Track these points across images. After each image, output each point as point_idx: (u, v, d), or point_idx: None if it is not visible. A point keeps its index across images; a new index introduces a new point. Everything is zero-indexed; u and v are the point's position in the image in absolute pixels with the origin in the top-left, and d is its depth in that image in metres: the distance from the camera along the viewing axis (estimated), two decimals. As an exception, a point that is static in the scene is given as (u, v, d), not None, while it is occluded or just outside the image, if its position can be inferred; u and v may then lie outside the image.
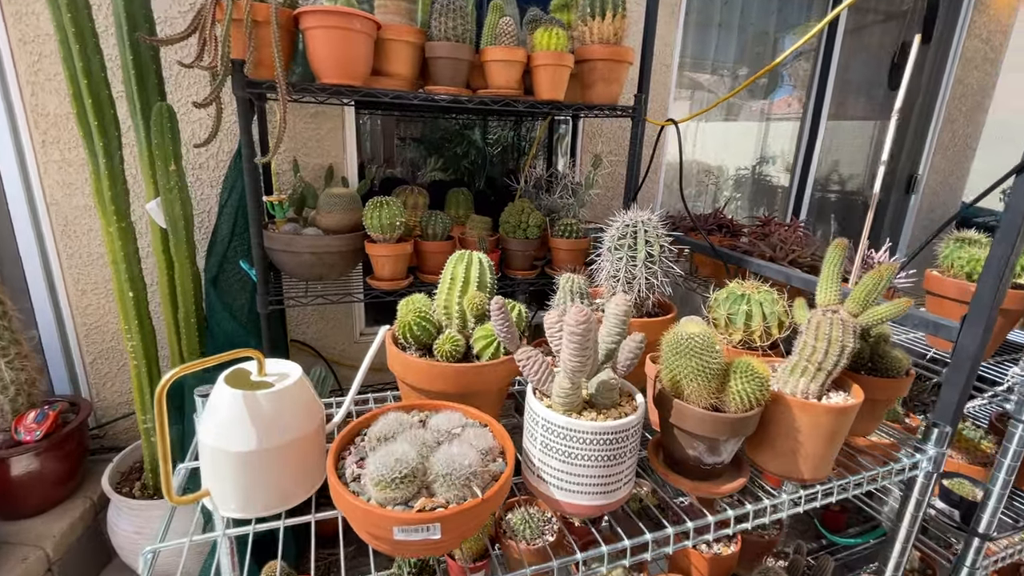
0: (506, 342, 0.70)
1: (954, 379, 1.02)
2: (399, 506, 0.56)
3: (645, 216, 0.99)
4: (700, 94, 2.99)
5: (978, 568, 1.20)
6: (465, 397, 0.80)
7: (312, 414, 0.71)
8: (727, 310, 0.99)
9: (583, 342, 0.62)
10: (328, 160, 2.01)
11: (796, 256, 1.75)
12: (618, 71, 1.72)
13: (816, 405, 0.77)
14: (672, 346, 0.75)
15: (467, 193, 2.09)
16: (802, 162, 3.17)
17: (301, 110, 1.94)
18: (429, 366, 0.79)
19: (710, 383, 0.74)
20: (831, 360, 0.80)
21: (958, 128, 3.41)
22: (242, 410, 0.64)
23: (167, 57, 1.71)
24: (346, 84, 1.41)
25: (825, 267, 0.87)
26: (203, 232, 1.92)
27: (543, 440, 0.68)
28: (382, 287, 1.65)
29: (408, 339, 0.84)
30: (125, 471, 1.81)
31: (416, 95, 1.51)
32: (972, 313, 0.99)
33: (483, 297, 0.85)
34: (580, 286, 0.90)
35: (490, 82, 1.62)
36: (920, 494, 0.98)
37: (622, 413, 0.69)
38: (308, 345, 2.17)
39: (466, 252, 0.90)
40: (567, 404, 0.67)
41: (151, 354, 1.60)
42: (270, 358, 0.74)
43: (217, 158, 1.88)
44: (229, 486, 0.66)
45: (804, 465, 0.80)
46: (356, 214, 1.66)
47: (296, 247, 1.56)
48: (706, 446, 0.75)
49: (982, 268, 0.97)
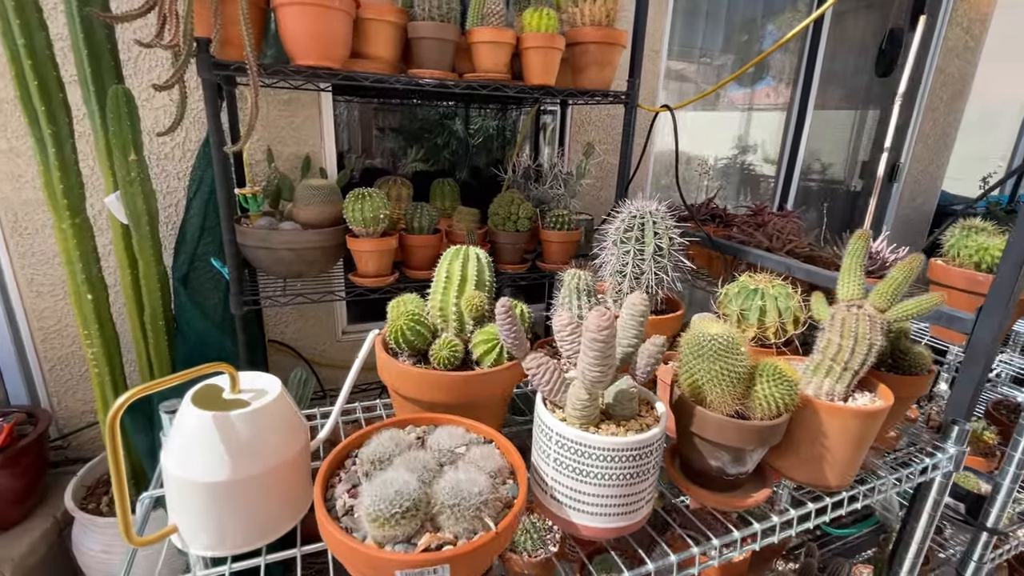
0: (514, 349, 0.63)
1: (969, 373, 0.98)
2: (400, 545, 0.49)
3: (653, 206, 0.92)
4: (688, 85, 2.94)
5: (985, 563, 1.18)
6: (465, 408, 0.73)
7: (295, 434, 0.63)
8: (740, 305, 0.93)
9: (605, 350, 0.54)
10: (304, 150, 1.90)
11: (794, 246, 1.71)
12: (611, 54, 1.65)
13: (845, 408, 0.72)
14: (693, 348, 0.69)
15: (453, 184, 2.00)
16: (789, 151, 3.15)
17: (274, 97, 1.81)
18: (426, 376, 0.71)
19: (735, 388, 0.67)
20: (858, 359, 0.75)
21: (939, 117, 3.43)
22: (212, 434, 0.56)
23: (124, 37, 1.57)
24: (324, 66, 1.30)
25: (847, 259, 0.82)
26: (170, 228, 1.79)
27: (557, 457, 0.61)
28: (366, 284, 1.55)
29: (400, 345, 0.76)
30: (91, 485, 1.69)
31: (399, 79, 1.42)
32: (989, 304, 0.95)
33: (483, 297, 0.78)
34: (587, 283, 0.83)
35: (477, 65, 1.53)
36: (939, 494, 0.94)
37: (643, 425, 0.63)
38: (287, 345, 2.06)
39: (462, 247, 0.82)
40: (584, 417, 0.60)
41: (114, 360, 1.48)
42: (245, 371, 0.65)
43: (183, 148, 1.75)
44: (199, 521, 0.57)
45: (831, 472, 0.74)
46: (336, 207, 1.56)
47: (273, 243, 1.46)
48: (731, 456, 0.69)
49: (1001, 256, 0.93)
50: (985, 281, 1.17)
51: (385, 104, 3.29)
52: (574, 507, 0.61)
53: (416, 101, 2.95)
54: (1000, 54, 3.55)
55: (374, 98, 2.29)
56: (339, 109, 2.78)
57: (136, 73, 1.64)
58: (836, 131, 3.59)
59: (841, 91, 3.38)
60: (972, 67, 3.40)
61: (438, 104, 3.20)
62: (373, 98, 2.29)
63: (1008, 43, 3.59)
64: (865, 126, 3.65)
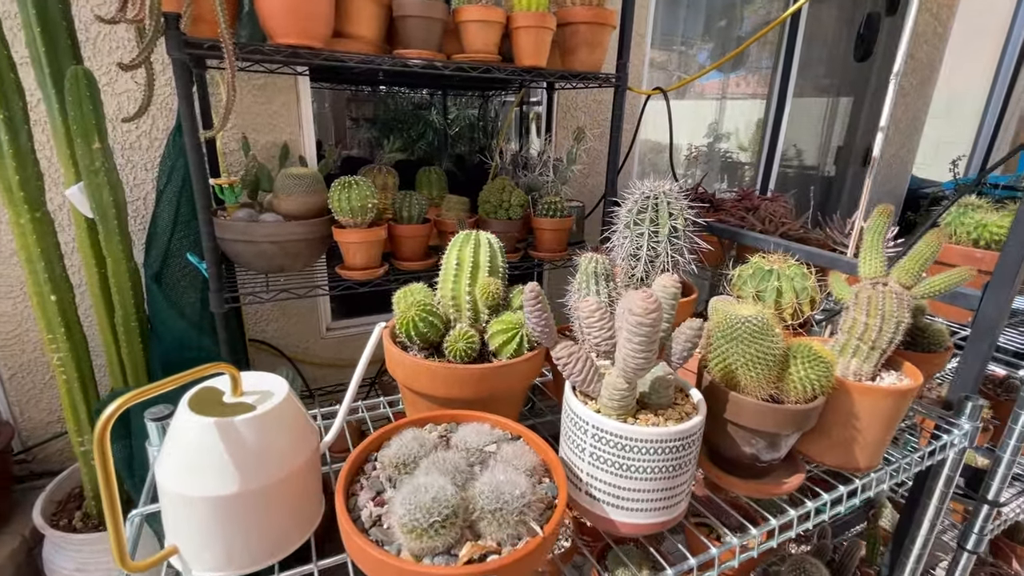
0: (543, 337, 0.58)
1: (976, 349, 0.99)
2: (440, 556, 0.44)
3: (666, 186, 0.89)
4: (668, 73, 2.92)
5: (986, 534, 1.20)
6: (485, 403, 0.68)
7: (305, 439, 0.57)
8: (755, 287, 0.91)
9: (652, 335, 0.50)
10: (282, 138, 1.80)
11: (787, 228, 1.71)
12: (601, 35, 1.61)
13: (878, 388, 0.70)
14: (725, 331, 0.66)
15: (439, 172, 1.94)
16: (769, 138, 3.18)
17: (247, 82, 1.71)
18: (443, 370, 0.66)
19: (770, 371, 0.65)
20: (885, 338, 0.73)
21: (910, 102, 3.51)
22: (216, 444, 0.50)
23: (81, 14, 1.45)
24: (305, 45, 1.22)
25: (869, 235, 0.80)
26: (140, 222, 1.67)
27: (593, 451, 0.57)
28: (354, 277, 1.48)
29: (411, 337, 0.70)
30: (62, 499, 1.58)
31: (386, 59, 1.34)
32: (996, 280, 0.95)
33: (498, 284, 0.73)
34: (605, 267, 0.79)
35: (466, 46, 1.47)
36: (951, 470, 0.94)
37: (682, 413, 0.59)
38: (269, 344, 1.97)
39: (472, 232, 0.77)
40: (622, 408, 0.56)
41: (83, 365, 1.38)
42: (247, 372, 0.59)
43: (151, 136, 1.64)
44: (203, 540, 0.51)
45: (861, 454, 0.73)
46: (320, 196, 1.48)
47: (254, 236, 1.37)
48: (766, 442, 0.66)
49: (1009, 231, 0.93)
50: (983, 257, 1.18)
51: (359, 94, 3.18)
52: (613, 504, 0.57)
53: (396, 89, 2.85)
54: (963, 42, 3.65)
55: (355, 83, 2.20)
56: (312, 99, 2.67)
57: (96, 55, 1.52)
58: (811, 118, 3.65)
59: (817, 78, 3.42)
60: (940, 53, 3.49)
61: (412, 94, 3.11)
62: (353, 83, 2.20)
63: (971, 31, 3.69)
64: (838, 113, 3.71)
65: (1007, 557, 1.79)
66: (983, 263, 1.18)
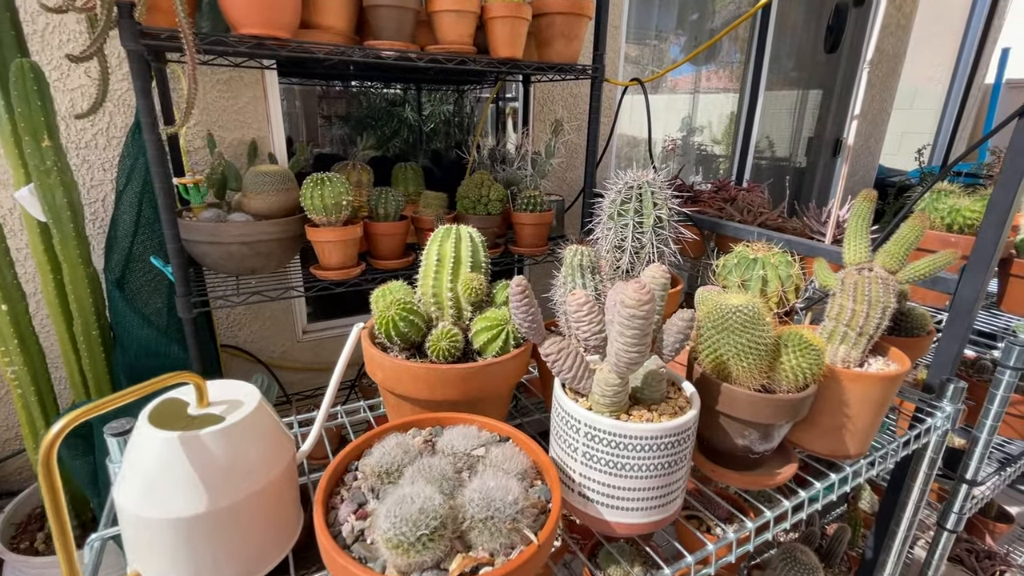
0: (531, 334, 0.56)
1: (953, 332, 1.00)
2: (428, 572, 0.41)
3: (649, 176, 0.87)
4: (642, 67, 2.92)
5: (965, 513, 1.22)
6: (471, 404, 0.65)
7: (280, 449, 0.54)
8: (740, 276, 0.90)
9: (645, 328, 0.48)
10: (249, 135, 1.73)
11: (765, 218, 1.72)
12: (578, 26, 1.58)
13: (867, 375, 0.70)
14: (715, 321, 0.64)
15: (416, 168, 1.89)
16: (743, 131, 3.21)
17: (211, 76, 1.64)
18: (427, 371, 0.62)
19: (762, 361, 0.63)
20: (873, 323, 0.73)
21: (876, 93, 3.59)
22: (180, 460, 0.46)
23: (27, 5, 1.36)
24: (271, 36, 1.17)
25: (852, 220, 0.79)
26: (99, 225, 1.59)
27: (586, 451, 0.55)
28: (330, 277, 1.43)
29: (391, 337, 0.67)
30: (21, 521, 1.49)
31: (357, 51, 1.29)
32: (972, 263, 0.97)
33: (481, 280, 0.70)
34: (590, 259, 0.77)
35: (440, 37, 1.43)
36: (934, 452, 0.95)
37: (675, 407, 0.57)
38: (242, 349, 1.90)
39: (452, 226, 0.74)
40: (615, 405, 0.54)
41: (41, 379, 1.30)
42: (213, 380, 0.55)
43: (108, 134, 1.55)
44: (169, 564, 0.47)
45: (851, 441, 0.72)
46: (291, 194, 1.43)
47: (222, 237, 1.31)
48: (759, 433, 0.65)
49: (983, 216, 0.94)
50: (957, 241, 1.20)
51: (330, 91, 3.10)
52: (608, 503, 0.55)
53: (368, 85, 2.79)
54: (925, 33, 3.75)
55: (326, 78, 2.13)
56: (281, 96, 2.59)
57: (45, 48, 1.43)
58: (783, 110, 3.71)
59: (788, 71, 3.48)
60: (904, 44, 3.58)
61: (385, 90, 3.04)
62: (325, 78, 2.13)
63: (932, 21, 3.80)
64: (808, 104, 3.78)
65: (981, 533, 1.84)
66: (958, 247, 1.20)
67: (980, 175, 2.98)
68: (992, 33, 3.91)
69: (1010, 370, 1.09)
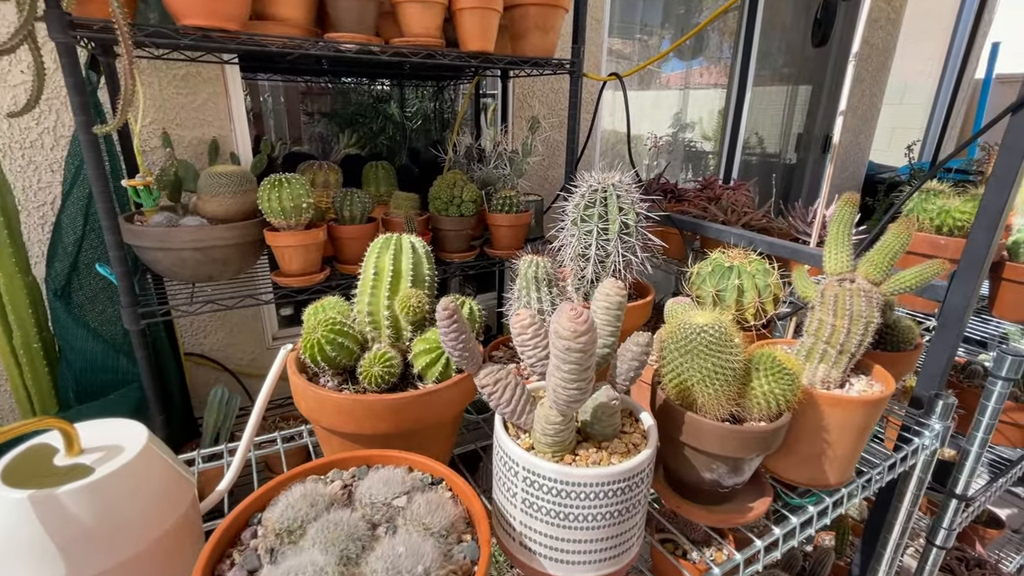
0: (463, 362, 0.49)
1: (943, 342, 0.94)
2: (314, 666, 0.34)
3: (615, 178, 0.80)
4: (630, 62, 2.86)
5: (955, 529, 1.17)
6: (408, 437, 0.58)
7: (171, 499, 0.46)
8: (715, 286, 0.84)
9: (584, 361, 0.41)
10: (210, 133, 1.64)
11: (749, 219, 1.66)
12: (553, 18, 1.51)
13: (849, 399, 0.63)
14: (679, 343, 0.57)
15: (387, 167, 1.82)
16: (731, 127, 3.15)
17: (166, 71, 1.55)
18: (352, 403, 0.55)
19: (730, 387, 0.57)
20: (854, 340, 0.66)
21: (865, 88, 3.54)
22: (32, 524, 0.38)
23: (-42, -4, 1.27)
24: (217, 27, 1.09)
25: (833, 227, 0.73)
26: (48, 230, 1.50)
27: (526, 498, 0.48)
28: (291, 284, 1.35)
29: (318, 363, 0.60)
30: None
31: (314, 43, 1.21)
32: (963, 269, 0.90)
33: (421, 296, 0.63)
34: (546, 271, 0.70)
35: (405, 30, 1.35)
36: (923, 472, 0.89)
37: (629, 445, 0.51)
38: (208, 357, 1.82)
39: (392, 235, 0.67)
40: (558, 444, 0.47)
41: (-21, 395, 1.22)
42: (95, 420, 0.48)
43: (55, 133, 1.46)
44: (27, 644, 0.40)
45: (831, 468, 0.66)
46: (251, 196, 1.35)
47: (173, 243, 1.23)
48: (728, 467, 0.58)
49: (974, 219, 0.88)
50: (947, 244, 1.14)
51: (313, 86, 3.01)
52: (552, 556, 0.49)
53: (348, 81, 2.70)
54: (915, 28, 3.70)
55: (293, 73, 2.04)
56: (265, 93, 2.50)
57: (-19, 42, 1.34)
58: (772, 106, 3.65)
59: (776, 66, 3.42)
60: (894, 39, 3.53)
61: (371, 85, 2.96)
62: (292, 72, 2.04)
63: (921, 16, 3.75)
64: (798, 100, 3.73)
65: (971, 540, 1.80)
66: (947, 250, 1.15)
67: (970, 171, 2.93)
68: (982, 27, 3.87)
69: (1002, 380, 1.03)
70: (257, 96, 2.39)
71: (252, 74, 1.98)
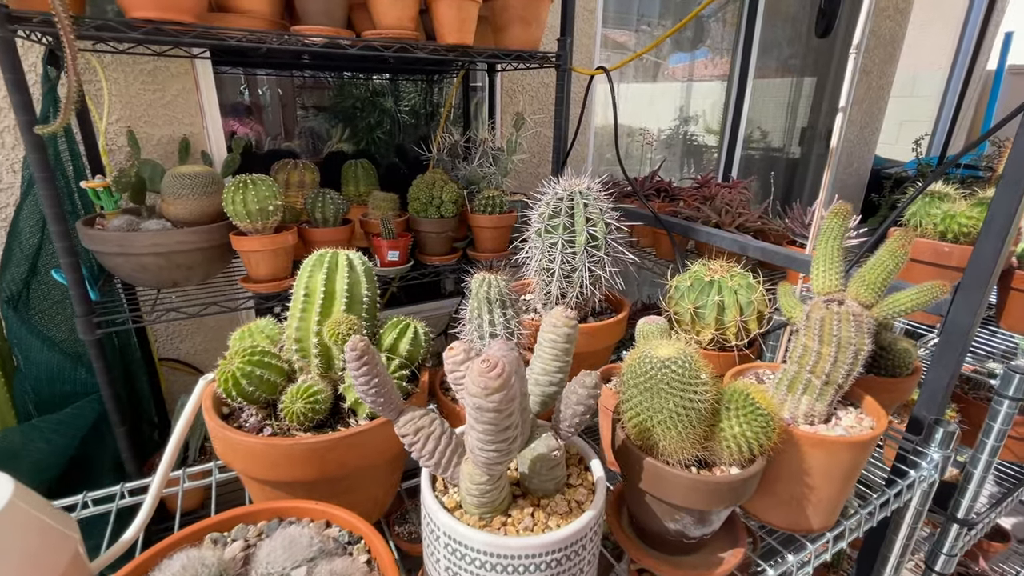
0: (379, 408, 0.42)
1: (944, 362, 0.86)
2: None
3: (583, 184, 0.73)
4: (628, 54, 2.76)
5: (955, 555, 1.10)
6: (336, 483, 0.52)
7: (44, 561, 0.40)
8: (693, 302, 0.76)
9: (500, 420, 0.35)
10: (180, 131, 1.58)
11: (744, 220, 1.58)
12: (537, 9, 1.43)
13: (833, 440, 0.56)
14: (638, 379, 0.51)
15: (367, 165, 1.75)
16: (731, 121, 3.06)
17: (133, 65, 1.48)
18: (264, 447, 0.49)
19: (695, 430, 0.50)
20: (841, 370, 0.59)
21: (872, 80, 3.43)
22: None
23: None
24: (169, 20, 1.02)
25: (822, 242, 0.65)
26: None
27: (449, 567, 0.41)
28: (259, 290, 1.29)
29: (233, 397, 0.53)
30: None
31: (276, 36, 1.14)
32: (968, 281, 0.82)
33: (353, 321, 0.56)
34: (500, 291, 0.63)
35: (378, 22, 1.27)
36: (920, 504, 0.82)
37: (572, 503, 0.44)
38: (184, 363, 1.76)
39: (328, 251, 0.60)
40: (486, 506, 0.41)
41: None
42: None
43: (15, 132, 1.40)
44: None
45: (814, 513, 0.59)
46: (217, 198, 1.28)
47: (133, 247, 1.17)
48: (694, 518, 0.52)
49: (982, 228, 0.80)
50: (952, 252, 1.06)
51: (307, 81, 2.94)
52: (480, 632, 0.42)
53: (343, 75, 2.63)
54: (925, 17, 3.58)
55: (267, 67, 1.97)
56: (261, 90, 2.43)
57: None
58: (775, 99, 3.55)
59: (780, 58, 3.31)
60: (903, 29, 3.41)
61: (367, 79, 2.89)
62: (266, 67, 1.97)
63: (932, 5, 3.62)
64: (802, 93, 3.62)
65: (973, 555, 1.73)
66: (952, 258, 1.07)
67: (979, 167, 2.82)
68: (995, 16, 3.73)
69: (1008, 400, 0.96)
70: (256, 90, 2.33)
71: (233, 68, 1.91)
